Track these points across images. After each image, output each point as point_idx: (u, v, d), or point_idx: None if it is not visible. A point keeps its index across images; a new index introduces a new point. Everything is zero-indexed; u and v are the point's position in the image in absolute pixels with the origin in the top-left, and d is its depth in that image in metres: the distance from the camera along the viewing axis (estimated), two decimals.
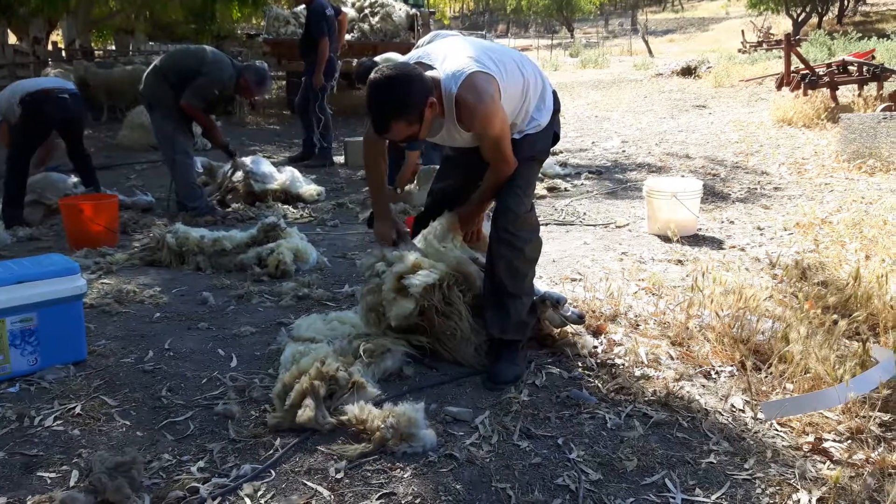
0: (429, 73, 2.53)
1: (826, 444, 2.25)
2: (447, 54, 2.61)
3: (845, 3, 31.64)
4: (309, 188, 6.19)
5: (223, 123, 5.92)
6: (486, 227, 3.08)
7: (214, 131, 5.49)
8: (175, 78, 5.19)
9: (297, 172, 6.30)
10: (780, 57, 13.98)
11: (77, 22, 14.61)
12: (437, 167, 3.32)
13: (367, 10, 11.42)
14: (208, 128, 5.46)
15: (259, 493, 2.02)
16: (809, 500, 1.99)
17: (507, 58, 2.68)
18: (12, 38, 15.24)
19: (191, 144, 5.44)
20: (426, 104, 2.46)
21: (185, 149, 5.37)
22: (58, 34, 17.92)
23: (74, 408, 2.49)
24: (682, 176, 6.63)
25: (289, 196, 6.01)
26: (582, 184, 6.67)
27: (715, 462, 2.18)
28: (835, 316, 2.81)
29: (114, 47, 19.62)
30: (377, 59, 6.30)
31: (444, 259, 2.85)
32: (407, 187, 5.75)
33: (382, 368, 2.66)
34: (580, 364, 2.81)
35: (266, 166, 6.09)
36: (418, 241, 2.93)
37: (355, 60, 6.28)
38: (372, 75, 2.49)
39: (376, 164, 2.94)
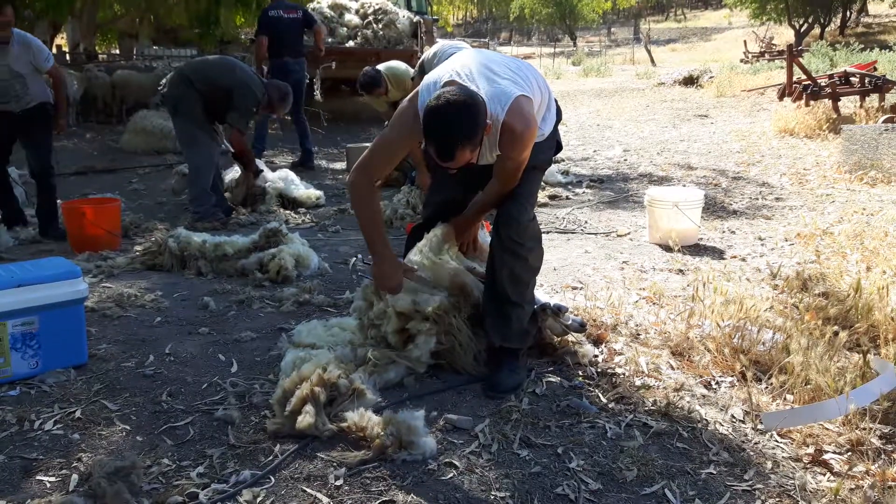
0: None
1: (826, 456, 2.25)
2: (478, 74, 2.55)
3: (848, 14, 31.69)
4: (308, 192, 6.21)
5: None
6: (482, 237, 3.09)
7: (251, 158, 5.69)
8: (203, 86, 5.26)
9: (291, 174, 6.32)
10: (782, 67, 14.01)
11: (81, 26, 14.64)
12: None
13: (370, 18, 11.44)
14: (246, 154, 5.62)
15: (258, 500, 2.02)
16: None
17: (529, 73, 2.68)
18: None
19: (215, 148, 5.49)
20: (487, 129, 2.42)
21: (209, 153, 5.42)
22: (62, 38, 17.97)
23: (74, 412, 2.49)
24: (684, 185, 6.64)
25: (285, 199, 6.03)
26: (583, 192, 6.67)
27: (715, 473, 2.18)
28: (835, 327, 2.81)
29: (118, 51, 19.67)
30: (380, 67, 6.31)
31: (439, 272, 2.84)
32: None
33: (385, 379, 2.66)
34: (580, 373, 2.81)
35: (260, 165, 6.11)
36: (413, 253, 2.92)
37: (365, 69, 6.29)
38: (434, 101, 2.36)
39: (371, 203, 2.66)
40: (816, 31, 29.26)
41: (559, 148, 2.98)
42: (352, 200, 2.75)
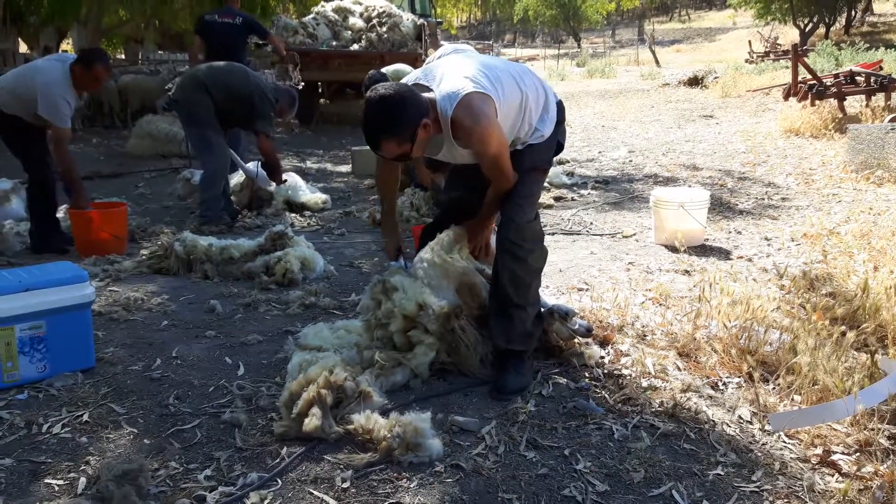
0: (425, 95, 2.55)
1: (834, 457, 2.24)
2: (444, 74, 2.62)
3: (853, 13, 31.61)
4: (314, 196, 6.22)
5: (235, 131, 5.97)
6: (493, 242, 3.09)
7: (279, 169, 5.74)
8: (220, 93, 5.30)
9: (300, 180, 6.32)
10: (787, 67, 13.98)
11: (87, 31, 14.71)
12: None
13: (374, 21, 11.47)
14: (276, 165, 5.67)
15: (266, 502, 2.02)
16: None
17: (504, 73, 2.69)
18: (23, 48, 15.36)
19: (228, 153, 5.55)
20: (419, 125, 2.47)
21: (224, 158, 5.47)
22: (68, 43, 18.07)
23: (82, 415, 2.50)
24: (690, 186, 6.62)
25: (292, 204, 6.04)
26: (589, 193, 6.67)
27: (722, 474, 2.17)
28: (843, 327, 2.80)
29: (123, 56, 19.77)
30: (385, 70, 6.32)
31: (450, 270, 2.85)
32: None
33: (391, 382, 2.66)
34: (587, 374, 2.81)
35: (253, 166, 6.11)
36: (425, 252, 2.93)
37: (370, 72, 6.27)
38: (367, 94, 2.52)
39: (387, 181, 3.03)
40: (821, 30, 29.21)
41: (560, 148, 2.98)
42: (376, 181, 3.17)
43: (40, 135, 4.69)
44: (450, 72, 2.62)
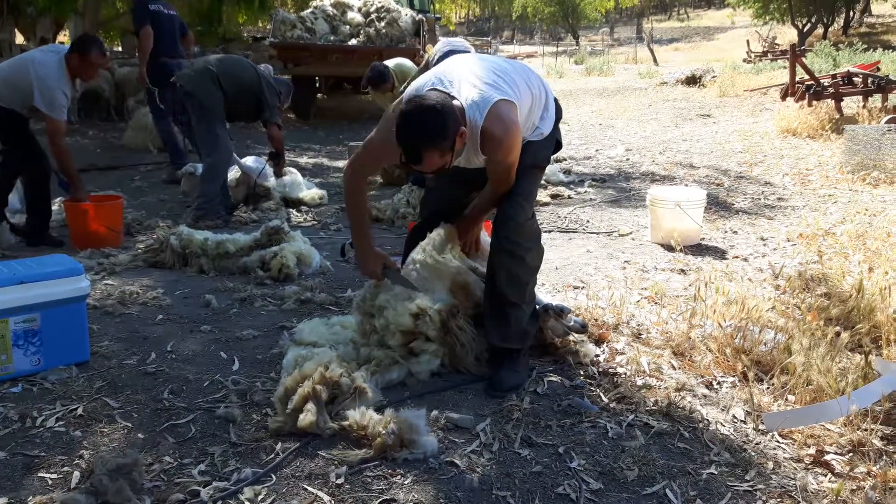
0: (454, 103, 2.50)
1: (828, 457, 2.25)
2: (461, 80, 2.57)
3: (851, 14, 31.64)
4: (310, 192, 6.21)
5: (231, 126, 5.93)
6: (484, 238, 3.08)
7: (283, 155, 5.90)
8: (231, 87, 5.30)
9: (298, 176, 6.31)
10: (784, 67, 13.98)
11: (84, 22, 14.63)
12: None
13: (373, 15, 11.45)
14: (283, 155, 5.86)
15: (260, 498, 2.02)
16: None
17: (517, 75, 2.68)
18: (19, 39, 15.30)
19: (232, 148, 5.59)
20: (458, 134, 2.44)
21: (228, 154, 5.48)
22: (65, 34, 17.98)
23: (76, 409, 2.49)
24: (686, 185, 6.63)
25: (289, 200, 6.03)
26: (585, 191, 6.67)
27: (716, 473, 2.18)
28: (837, 328, 2.81)
29: (121, 48, 19.70)
30: (388, 63, 6.31)
31: (442, 270, 2.84)
32: None
33: (387, 379, 2.66)
34: (582, 372, 2.81)
35: (249, 160, 6.10)
36: (416, 252, 2.92)
37: (373, 64, 6.24)
38: (405, 105, 2.46)
39: (360, 196, 2.84)
40: (819, 30, 29.23)
41: (558, 146, 2.98)
42: (344, 192, 2.97)
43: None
44: (467, 78, 2.58)
